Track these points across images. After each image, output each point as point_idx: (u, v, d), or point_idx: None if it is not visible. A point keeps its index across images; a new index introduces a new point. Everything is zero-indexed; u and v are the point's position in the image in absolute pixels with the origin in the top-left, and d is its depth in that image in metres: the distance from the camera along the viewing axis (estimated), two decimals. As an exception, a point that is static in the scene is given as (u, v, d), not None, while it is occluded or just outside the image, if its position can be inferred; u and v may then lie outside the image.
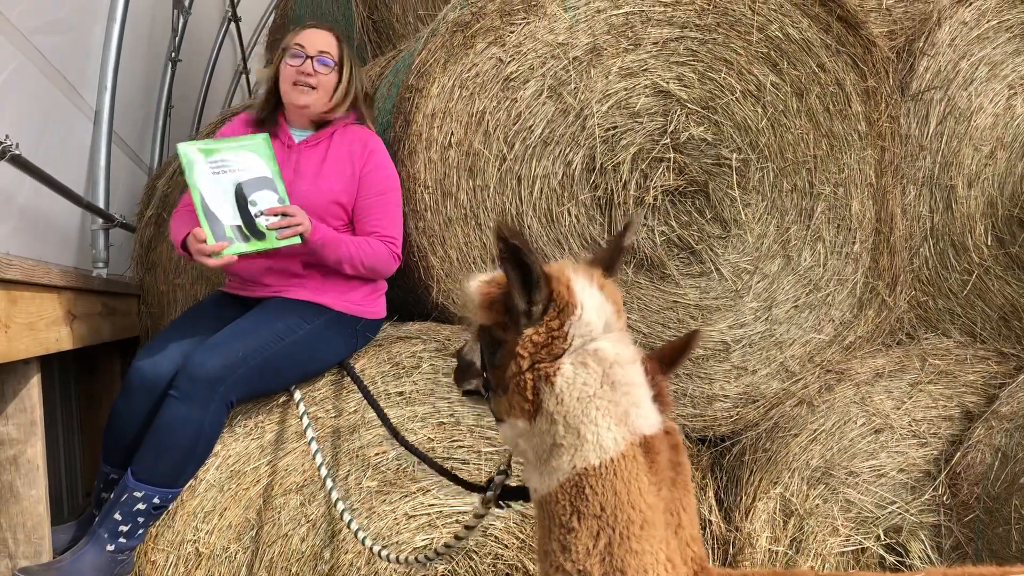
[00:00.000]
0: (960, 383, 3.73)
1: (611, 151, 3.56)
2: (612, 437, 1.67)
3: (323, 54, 3.15)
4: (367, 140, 3.20)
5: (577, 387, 1.68)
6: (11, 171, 3.13)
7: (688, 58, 3.59)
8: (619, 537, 1.65)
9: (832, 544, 3.52)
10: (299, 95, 3.14)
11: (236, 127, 3.26)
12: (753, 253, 3.71)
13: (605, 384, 1.68)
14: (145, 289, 4.79)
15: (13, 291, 2.64)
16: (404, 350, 3.26)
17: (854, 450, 3.62)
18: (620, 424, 1.68)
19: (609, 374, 1.69)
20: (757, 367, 3.70)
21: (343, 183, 3.11)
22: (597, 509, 1.66)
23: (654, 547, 1.67)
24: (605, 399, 1.68)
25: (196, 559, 2.98)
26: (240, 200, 2.88)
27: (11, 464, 2.72)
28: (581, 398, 1.68)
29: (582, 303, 1.71)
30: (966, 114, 3.89)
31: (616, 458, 1.67)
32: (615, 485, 1.66)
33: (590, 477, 1.67)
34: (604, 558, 1.65)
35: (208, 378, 2.82)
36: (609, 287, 1.77)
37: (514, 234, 1.66)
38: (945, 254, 3.94)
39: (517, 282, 1.71)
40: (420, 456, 2.91)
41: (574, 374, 1.69)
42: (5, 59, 3.26)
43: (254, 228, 2.87)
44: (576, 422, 1.68)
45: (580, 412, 1.67)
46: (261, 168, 2.93)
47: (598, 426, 1.67)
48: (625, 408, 1.69)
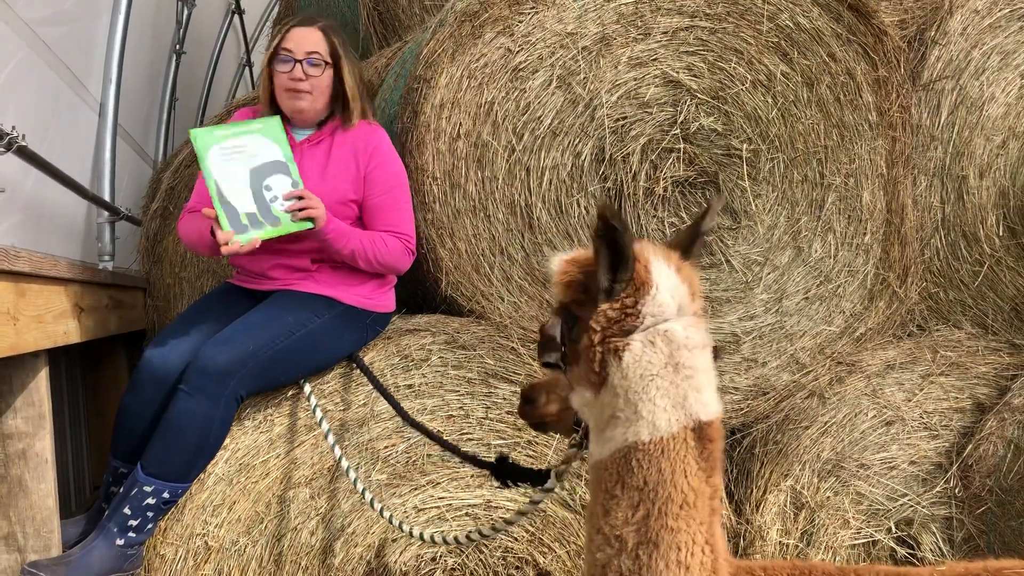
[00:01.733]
0: (972, 375, 3.70)
1: (620, 142, 3.54)
2: (667, 418, 1.72)
3: (311, 55, 3.03)
4: (370, 136, 3.13)
5: (642, 364, 1.73)
6: (16, 163, 3.11)
7: (698, 48, 3.57)
8: (657, 512, 1.71)
9: (843, 537, 3.51)
10: (294, 101, 3.06)
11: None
12: (763, 244, 3.69)
13: (669, 365, 1.73)
14: (151, 282, 4.77)
15: (21, 283, 2.62)
16: (413, 343, 3.24)
17: (865, 442, 3.60)
18: (677, 407, 1.73)
19: (675, 356, 1.73)
20: (767, 359, 3.68)
21: (349, 181, 3.07)
22: (640, 482, 1.73)
23: (691, 528, 1.71)
24: (667, 380, 1.73)
25: (205, 553, 2.97)
26: (254, 185, 2.85)
27: (20, 458, 2.70)
28: (644, 375, 1.73)
29: (657, 283, 1.75)
30: (978, 104, 3.86)
31: (667, 438, 1.72)
32: (660, 463, 1.72)
33: (639, 452, 1.73)
34: (639, 528, 1.72)
35: (218, 372, 2.80)
36: (686, 270, 1.80)
37: (615, 215, 1.71)
38: (956, 245, 3.91)
39: (606, 261, 1.76)
40: (431, 436, 2.92)
41: (641, 351, 1.74)
42: (10, 50, 3.24)
43: (268, 214, 2.85)
44: (635, 398, 1.73)
45: (641, 389, 1.73)
46: (274, 152, 2.90)
47: (655, 405, 1.72)
48: (684, 391, 1.73)
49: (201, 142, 2.82)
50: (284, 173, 2.90)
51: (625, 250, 1.73)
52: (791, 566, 2.03)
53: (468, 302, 3.52)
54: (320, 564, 3.05)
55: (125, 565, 2.78)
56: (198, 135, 2.84)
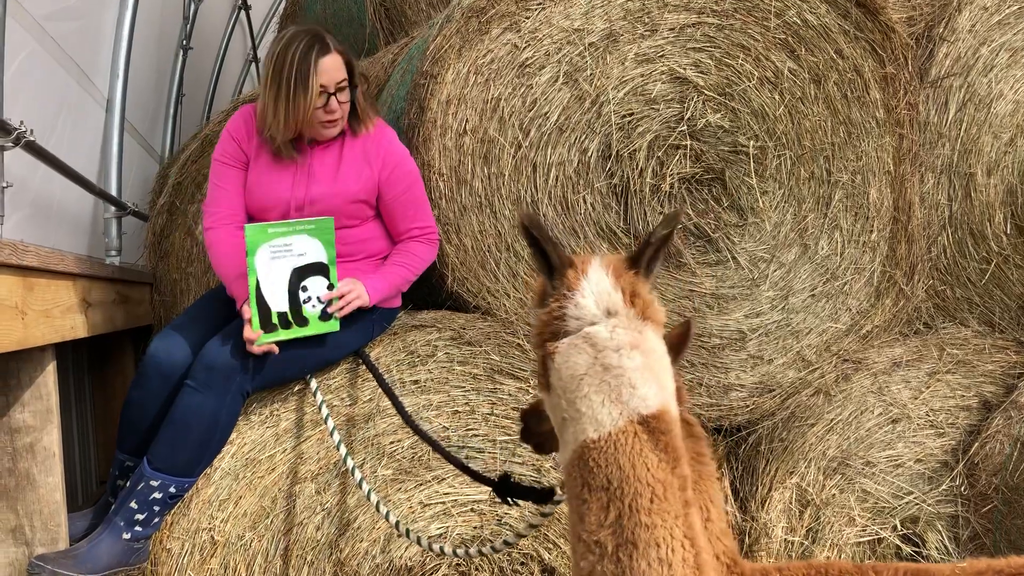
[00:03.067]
0: (978, 373, 3.70)
1: (627, 138, 3.53)
2: (607, 412, 1.75)
3: (340, 83, 2.97)
4: (380, 137, 3.13)
5: (570, 365, 1.78)
6: (24, 158, 3.11)
7: (705, 44, 3.56)
8: (628, 509, 1.70)
9: (848, 534, 3.50)
10: (328, 130, 3.03)
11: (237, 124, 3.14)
12: (770, 241, 3.68)
13: (597, 365, 1.76)
14: (158, 277, 4.78)
15: (29, 278, 2.63)
16: (419, 338, 3.24)
17: (871, 440, 3.60)
18: (615, 402, 1.75)
19: (600, 358, 1.76)
20: (773, 356, 3.67)
21: (361, 182, 3.08)
22: (604, 481, 1.73)
23: (667, 523, 1.69)
24: (596, 378, 1.76)
25: (211, 547, 2.98)
26: (292, 286, 2.93)
27: (27, 451, 2.71)
28: (574, 376, 1.77)
29: (582, 288, 1.80)
30: (986, 101, 3.85)
31: (614, 433, 1.74)
32: (618, 459, 1.72)
33: (592, 450, 1.75)
34: (615, 530, 1.71)
35: (224, 367, 2.81)
36: (626, 276, 1.82)
37: (534, 223, 1.77)
38: (963, 243, 3.90)
39: (541, 268, 1.84)
40: (433, 445, 2.91)
41: (567, 353, 1.79)
42: (18, 45, 3.24)
43: (299, 315, 2.94)
44: (572, 396, 1.78)
45: (574, 388, 1.77)
46: (320, 253, 2.96)
47: (592, 401, 1.76)
48: (618, 388, 1.75)
49: (253, 239, 2.87)
50: (324, 275, 2.98)
51: (550, 257, 1.81)
52: (807, 566, 2.02)
53: (474, 298, 3.52)
54: (326, 559, 3.06)
55: (132, 559, 2.79)
56: (251, 232, 2.87)
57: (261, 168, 3.08)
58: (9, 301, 2.46)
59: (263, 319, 2.88)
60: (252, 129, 3.10)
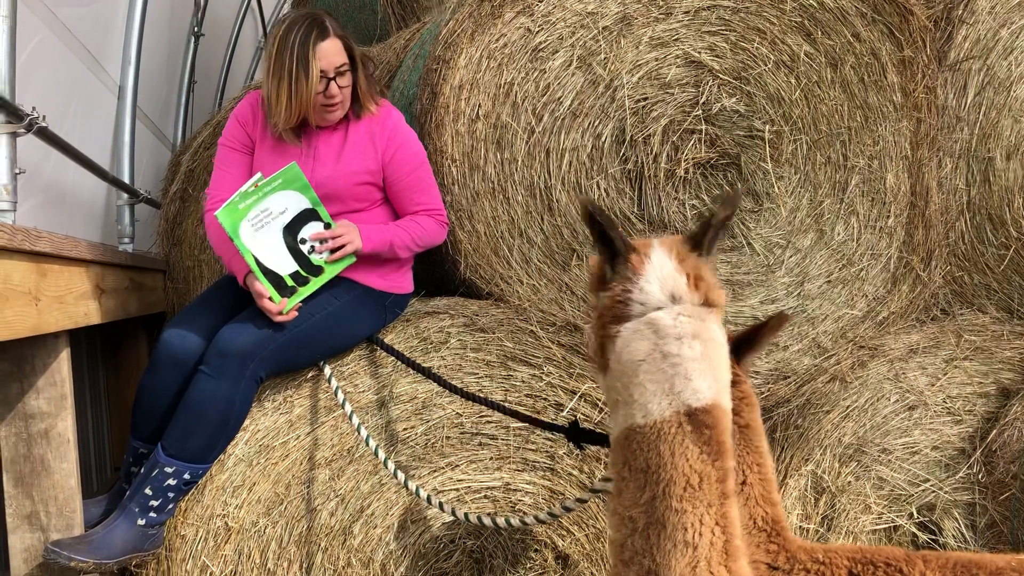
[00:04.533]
0: (996, 360, 3.65)
1: (641, 123, 3.50)
2: (657, 402, 1.78)
3: (340, 68, 2.97)
4: (386, 119, 3.12)
5: (630, 351, 1.80)
6: (37, 145, 3.11)
7: (720, 27, 3.52)
8: (662, 494, 1.76)
9: (864, 522, 3.48)
10: (329, 115, 3.03)
11: (243, 109, 3.16)
12: (785, 227, 3.65)
13: (656, 352, 1.78)
14: (171, 264, 4.78)
15: (43, 264, 2.63)
16: (432, 325, 3.23)
17: (887, 427, 3.57)
18: (666, 393, 1.77)
19: (660, 345, 1.77)
20: (789, 343, 3.64)
21: (366, 162, 3.06)
22: (643, 464, 1.78)
23: (698, 510, 1.74)
24: (654, 366, 1.78)
25: (225, 533, 2.99)
26: (290, 243, 2.90)
27: (42, 438, 2.72)
28: (632, 361, 1.79)
29: (646, 273, 1.81)
30: (1006, 84, 3.79)
31: (659, 421, 1.77)
32: (659, 447, 1.77)
33: (637, 434, 1.80)
34: (647, 510, 1.77)
35: (238, 353, 2.81)
36: (690, 260, 1.83)
37: (598, 211, 1.80)
38: (982, 228, 3.85)
39: (604, 254, 1.86)
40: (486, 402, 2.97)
41: (629, 338, 1.80)
42: (30, 31, 3.23)
43: (310, 266, 2.92)
44: (627, 382, 1.81)
45: (631, 373, 1.80)
46: (300, 201, 2.90)
47: (645, 389, 1.78)
48: (671, 378, 1.77)
49: (228, 222, 2.83)
50: (316, 219, 2.93)
51: (615, 242, 1.82)
52: (855, 549, 2.03)
53: (487, 284, 3.50)
54: (340, 545, 3.06)
55: (146, 544, 2.80)
56: (223, 216, 2.83)
57: (267, 151, 3.09)
58: (23, 287, 2.45)
59: (278, 287, 2.86)
60: (259, 113, 3.11)
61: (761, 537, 2.17)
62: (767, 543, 2.17)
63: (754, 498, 2.18)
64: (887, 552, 2.03)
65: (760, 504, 2.18)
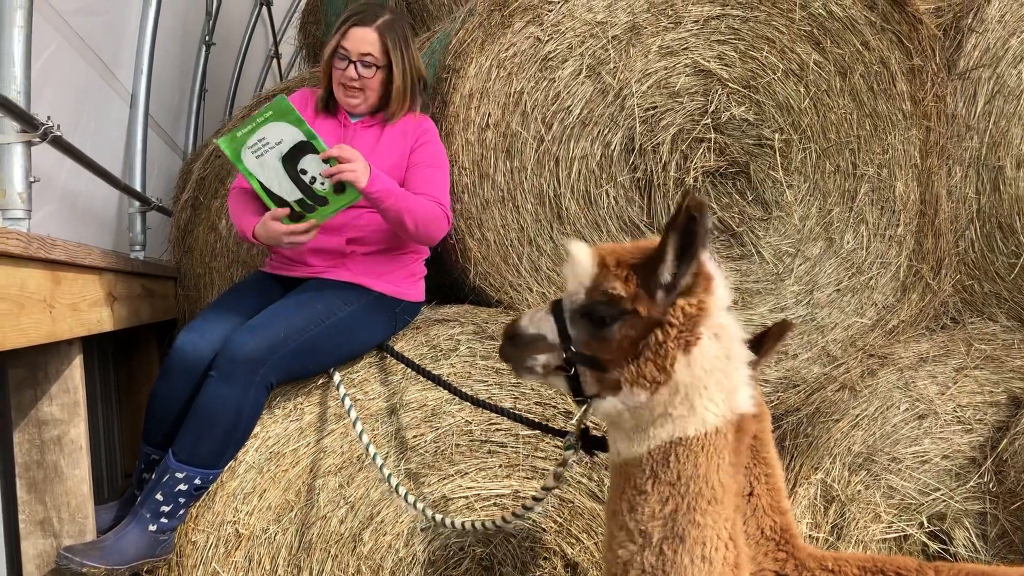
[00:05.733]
0: (1007, 368, 3.65)
1: (651, 132, 3.51)
2: (715, 412, 1.75)
3: (365, 56, 3.08)
4: (421, 122, 3.21)
5: (708, 359, 1.75)
6: (51, 153, 3.14)
7: (729, 36, 3.53)
8: (686, 507, 1.72)
9: (874, 531, 3.47)
10: (348, 99, 3.15)
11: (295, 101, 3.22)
12: (795, 235, 3.65)
13: (726, 358, 1.77)
14: (182, 272, 4.81)
15: (57, 271, 2.65)
16: (442, 333, 3.24)
17: (897, 436, 3.56)
18: (725, 401, 1.76)
19: (728, 348, 1.77)
20: (798, 351, 3.64)
21: (394, 160, 3.11)
22: (674, 477, 1.74)
23: (717, 524, 1.72)
24: (723, 373, 1.76)
25: (236, 540, 3.00)
26: (291, 173, 2.86)
27: (55, 444, 2.73)
28: (708, 369, 1.75)
29: (715, 278, 1.80)
30: (1015, 93, 3.79)
31: (710, 432, 1.74)
32: (698, 458, 1.74)
33: (680, 447, 1.74)
34: (667, 523, 1.73)
35: (249, 359, 2.82)
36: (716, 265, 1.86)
37: (699, 207, 1.70)
38: (992, 236, 3.85)
39: (674, 253, 1.75)
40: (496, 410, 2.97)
41: (708, 345, 1.76)
42: (44, 40, 3.27)
43: (315, 196, 2.87)
44: (695, 393, 1.75)
45: (703, 383, 1.75)
46: (293, 134, 2.84)
47: (711, 399, 1.75)
48: (735, 383, 1.76)
49: (230, 148, 2.83)
50: (312, 152, 2.85)
51: (699, 243, 1.73)
52: (866, 558, 2.02)
53: (496, 292, 3.51)
54: (349, 552, 3.07)
55: (158, 550, 2.81)
56: (224, 143, 2.84)
57: None
58: (38, 295, 2.47)
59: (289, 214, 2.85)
60: (306, 105, 3.22)
61: (769, 546, 2.18)
62: (775, 551, 2.17)
63: (762, 508, 2.19)
64: (899, 562, 2.02)
65: (768, 514, 2.19)
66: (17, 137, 2.73)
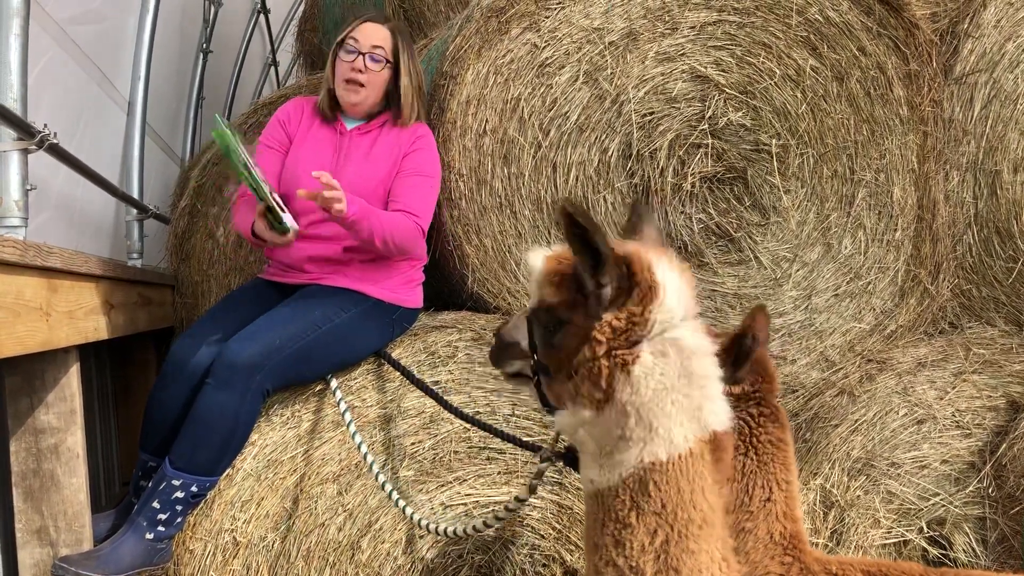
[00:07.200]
0: (1005, 373, 3.64)
1: (648, 137, 3.51)
2: (683, 433, 1.59)
3: (375, 50, 3.13)
4: (417, 130, 3.22)
5: (655, 378, 1.58)
6: (48, 161, 3.13)
7: (726, 42, 3.53)
8: (677, 536, 1.58)
9: (873, 536, 3.46)
10: (349, 94, 3.15)
11: (287, 108, 3.30)
12: (793, 241, 3.65)
13: (682, 376, 1.59)
14: (179, 279, 4.80)
15: (54, 279, 2.64)
16: (439, 339, 3.23)
17: (896, 441, 3.55)
18: (692, 420, 1.60)
19: (687, 365, 1.59)
20: (797, 356, 3.64)
21: (388, 167, 3.12)
22: (658, 506, 1.59)
23: (710, 547, 1.61)
24: (681, 392, 1.59)
25: (234, 548, 2.99)
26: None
27: (52, 453, 2.72)
28: (657, 389, 1.58)
29: (664, 287, 1.61)
30: (1012, 97, 3.79)
31: (684, 455, 1.59)
32: (679, 483, 1.58)
33: (655, 473, 1.59)
34: (659, 556, 1.59)
35: (245, 366, 2.81)
36: (686, 271, 1.68)
37: (580, 213, 1.56)
38: (990, 241, 3.85)
39: (585, 262, 1.62)
40: (482, 426, 2.95)
41: (653, 364, 1.59)
42: (41, 49, 3.27)
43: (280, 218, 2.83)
44: (649, 415, 1.58)
45: (655, 404, 1.58)
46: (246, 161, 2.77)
47: (671, 420, 1.58)
48: (699, 402, 1.60)
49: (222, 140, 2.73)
50: None
51: (600, 249, 1.58)
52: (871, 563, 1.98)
53: (494, 299, 3.51)
54: (348, 560, 3.05)
55: (155, 559, 2.80)
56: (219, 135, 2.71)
57: (304, 147, 3.19)
58: (34, 302, 2.47)
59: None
60: (302, 113, 3.26)
61: (777, 551, 2.16)
62: (782, 555, 2.16)
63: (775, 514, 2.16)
64: (903, 567, 1.97)
65: (780, 520, 2.17)
66: (14, 145, 2.72)
